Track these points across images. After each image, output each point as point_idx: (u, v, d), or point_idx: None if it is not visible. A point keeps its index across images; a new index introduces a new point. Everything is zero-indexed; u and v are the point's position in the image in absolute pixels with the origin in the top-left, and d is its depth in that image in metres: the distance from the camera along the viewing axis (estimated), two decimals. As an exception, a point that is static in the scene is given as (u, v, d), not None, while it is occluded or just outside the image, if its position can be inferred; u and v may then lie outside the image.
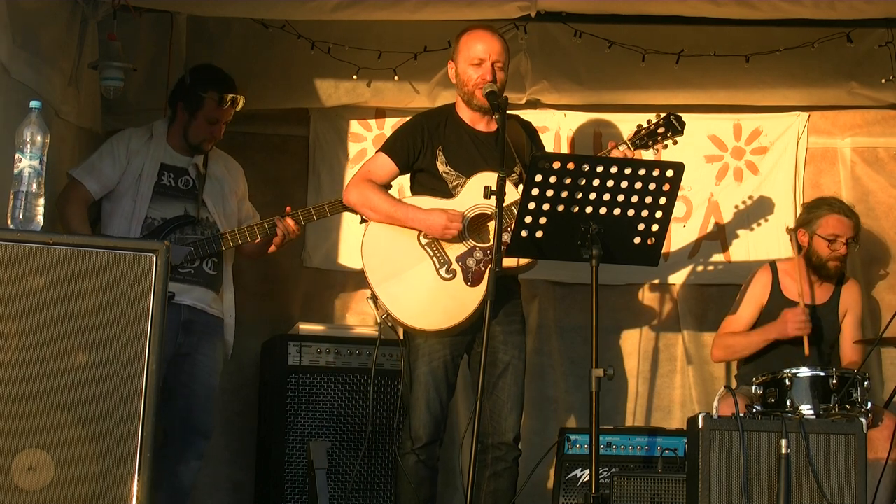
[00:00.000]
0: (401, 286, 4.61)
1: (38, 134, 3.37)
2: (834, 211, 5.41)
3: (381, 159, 4.78)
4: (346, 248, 5.93)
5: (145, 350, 3.23)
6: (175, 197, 4.97)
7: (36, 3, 4.60)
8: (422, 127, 4.77)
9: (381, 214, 4.68)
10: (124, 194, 4.93)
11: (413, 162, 4.75)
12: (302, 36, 5.54)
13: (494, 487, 4.66)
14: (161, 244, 3.30)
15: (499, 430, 4.65)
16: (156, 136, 5.03)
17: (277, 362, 5.36)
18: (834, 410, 4.49)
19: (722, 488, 3.97)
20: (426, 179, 4.75)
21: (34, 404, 3.15)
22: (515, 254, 4.40)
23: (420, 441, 4.58)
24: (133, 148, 4.96)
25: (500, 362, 4.66)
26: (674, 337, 6.03)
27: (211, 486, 5.72)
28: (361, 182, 4.75)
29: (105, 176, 4.92)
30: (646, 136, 4.82)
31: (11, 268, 3.16)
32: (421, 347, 4.62)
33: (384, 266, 4.64)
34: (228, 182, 5.17)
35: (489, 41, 4.73)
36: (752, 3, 5.04)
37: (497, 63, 4.69)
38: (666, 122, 4.84)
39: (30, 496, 3.12)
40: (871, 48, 5.64)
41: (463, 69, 4.74)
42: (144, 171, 4.94)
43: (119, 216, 4.91)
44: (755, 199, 6.01)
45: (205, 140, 5.04)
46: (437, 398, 4.60)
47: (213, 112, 5.01)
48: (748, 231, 6.01)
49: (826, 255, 5.36)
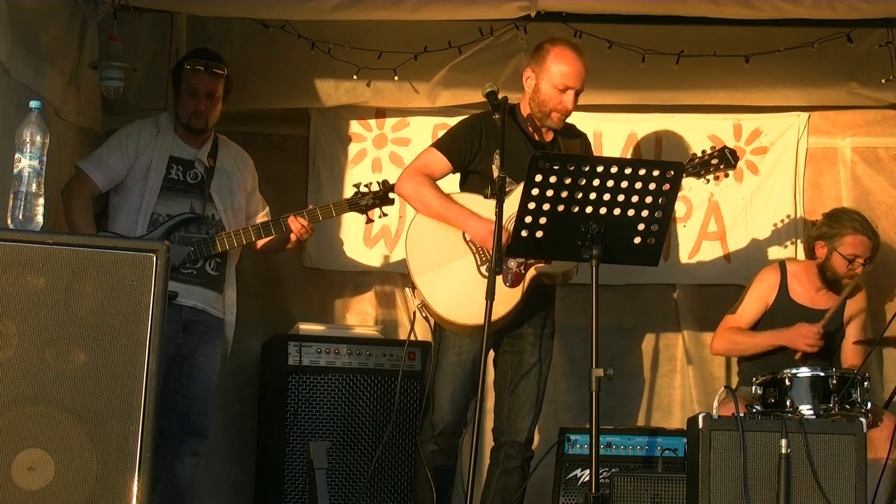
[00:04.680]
0: (441, 279, 4.64)
1: (38, 134, 3.37)
2: (858, 231, 5.32)
3: (436, 156, 4.76)
4: (346, 248, 5.93)
5: (145, 350, 3.23)
6: (183, 192, 4.95)
7: (36, 3, 4.60)
8: (480, 129, 4.75)
9: (432, 211, 4.68)
10: (132, 188, 4.90)
11: (469, 163, 4.75)
12: (302, 36, 5.54)
13: (504, 485, 4.72)
14: (161, 244, 3.30)
15: (513, 429, 4.71)
16: (163, 129, 5.01)
17: (277, 362, 5.36)
18: (834, 410, 4.49)
19: (722, 488, 3.97)
20: (478, 181, 4.75)
21: (34, 404, 3.15)
22: (515, 254, 4.40)
23: (440, 428, 4.64)
24: (142, 143, 4.94)
25: (527, 363, 4.71)
26: (674, 337, 6.03)
27: (211, 486, 5.73)
28: (417, 174, 4.74)
29: (113, 170, 4.89)
30: (699, 166, 4.85)
31: (11, 268, 3.17)
32: (451, 339, 4.67)
33: (427, 257, 4.66)
34: (237, 176, 5.13)
35: (578, 66, 4.71)
36: (752, 3, 5.04)
37: (579, 91, 4.71)
38: (720, 154, 4.88)
39: (30, 496, 3.12)
40: (871, 48, 5.64)
41: (545, 88, 4.72)
42: (153, 166, 4.92)
43: (126, 211, 4.89)
44: (755, 199, 6.01)
45: (192, 116, 4.96)
46: (462, 390, 4.65)
47: (190, 82, 4.94)
48: (748, 231, 6.01)
49: (843, 273, 5.33)
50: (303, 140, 6.03)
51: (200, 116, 4.97)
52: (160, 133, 4.99)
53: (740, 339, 5.40)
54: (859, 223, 5.36)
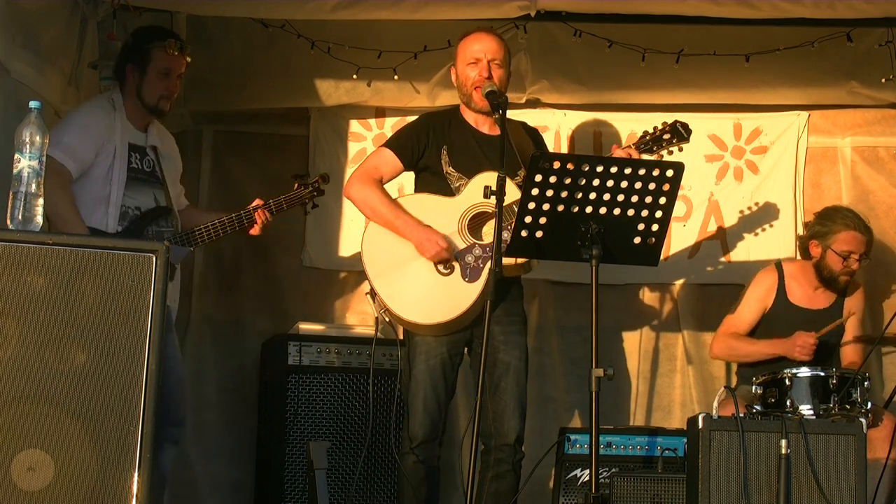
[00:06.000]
0: (399, 280, 4.62)
1: (38, 134, 3.37)
2: (850, 227, 5.32)
3: (386, 155, 4.78)
4: (346, 247, 5.93)
5: (145, 350, 3.23)
6: (144, 182, 4.71)
7: (36, 3, 4.60)
8: (427, 126, 4.80)
9: (380, 218, 4.69)
10: (96, 177, 4.59)
11: (418, 160, 4.77)
12: (302, 35, 5.54)
13: (496, 489, 4.66)
14: (161, 244, 3.30)
15: (501, 431, 4.65)
16: (118, 110, 4.69)
17: (277, 362, 5.36)
18: (834, 411, 4.49)
19: (722, 488, 3.97)
20: (430, 178, 4.77)
21: (34, 404, 3.14)
22: (515, 253, 4.39)
23: (417, 440, 4.59)
24: (104, 130, 4.62)
25: (501, 363, 4.66)
26: (674, 337, 6.03)
27: (211, 486, 5.73)
28: (366, 179, 4.74)
29: (84, 161, 4.55)
30: (651, 142, 4.82)
31: (11, 267, 3.16)
32: (419, 346, 4.63)
33: (383, 260, 4.66)
34: (175, 160, 4.94)
35: (484, 40, 4.76)
36: (752, 2, 5.04)
37: (493, 60, 4.71)
38: (672, 128, 4.83)
39: (30, 496, 3.11)
40: (871, 47, 5.64)
41: (462, 70, 4.78)
42: (117, 153, 4.63)
43: (89, 201, 4.55)
44: (755, 198, 6.01)
45: (162, 97, 4.72)
46: (435, 397, 4.61)
47: (163, 62, 4.71)
48: (748, 230, 6.01)
49: (838, 271, 5.33)
50: (303, 140, 6.03)
51: (170, 98, 4.76)
52: (116, 112, 4.70)
53: (739, 345, 5.40)
54: (851, 219, 5.36)
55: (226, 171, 6.00)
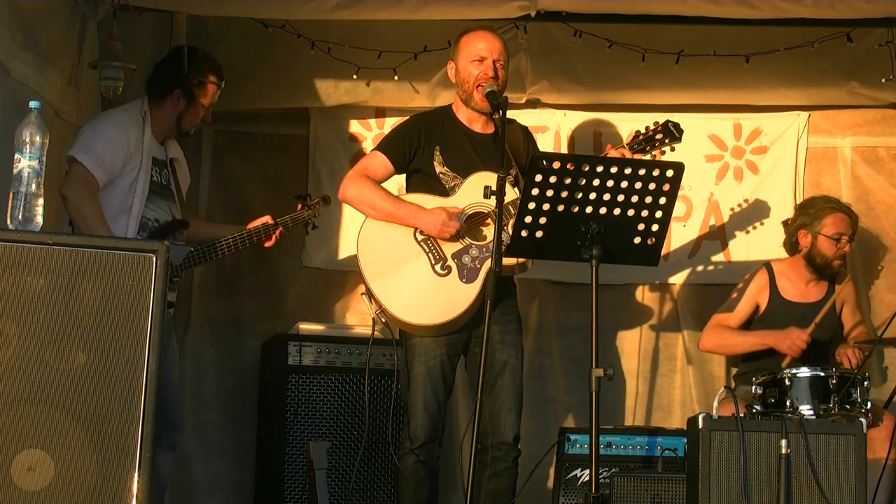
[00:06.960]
0: (395, 282, 4.62)
1: (38, 134, 3.37)
2: (836, 210, 5.42)
3: (377, 158, 4.77)
4: (345, 248, 5.92)
5: (145, 350, 3.23)
6: (160, 195, 4.80)
7: (36, 3, 4.60)
8: (419, 127, 4.79)
9: (381, 212, 4.68)
10: (121, 188, 4.66)
11: (409, 162, 4.76)
12: (302, 36, 5.54)
13: (494, 488, 4.66)
14: (161, 244, 3.29)
15: (498, 430, 4.65)
16: (147, 123, 4.77)
17: (277, 362, 5.35)
18: (834, 410, 4.49)
19: (722, 488, 3.97)
20: (423, 180, 4.76)
21: (34, 404, 3.14)
22: (515, 253, 4.40)
23: (418, 441, 4.58)
24: (133, 142, 4.68)
25: (498, 362, 4.66)
26: (674, 337, 6.03)
27: (211, 486, 5.73)
28: (359, 178, 4.74)
29: (113, 171, 4.62)
30: (644, 142, 4.82)
31: (11, 268, 3.16)
32: (417, 347, 4.63)
33: (380, 262, 4.65)
34: (186, 172, 5.04)
35: (489, 39, 4.76)
36: (752, 2, 5.04)
37: (498, 61, 4.71)
38: (664, 128, 4.83)
39: (30, 496, 3.11)
40: (871, 48, 5.64)
41: (464, 67, 4.75)
42: (143, 166, 4.71)
43: (113, 212, 4.60)
44: (755, 198, 6.01)
45: (196, 126, 4.94)
46: (434, 398, 4.61)
47: (213, 98, 4.91)
48: (748, 230, 6.01)
49: (832, 255, 5.36)
50: (303, 140, 6.03)
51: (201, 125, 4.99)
52: (146, 128, 4.76)
53: (730, 335, 5.42)
54: (834, 202, 5.49)
55: (226, 170, 6.00)
